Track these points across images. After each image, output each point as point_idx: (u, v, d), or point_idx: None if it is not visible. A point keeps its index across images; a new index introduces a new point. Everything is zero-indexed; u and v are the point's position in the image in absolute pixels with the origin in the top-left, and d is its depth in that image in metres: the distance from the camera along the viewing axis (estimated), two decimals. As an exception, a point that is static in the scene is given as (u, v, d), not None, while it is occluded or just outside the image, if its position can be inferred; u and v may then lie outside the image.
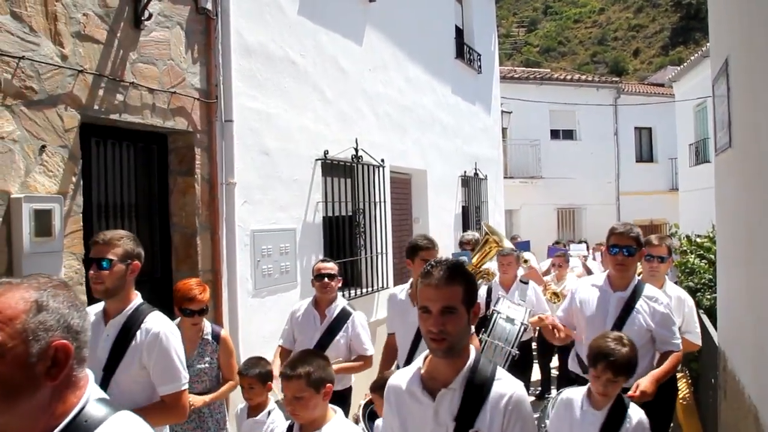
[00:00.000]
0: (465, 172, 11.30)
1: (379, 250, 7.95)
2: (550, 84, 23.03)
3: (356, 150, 7.34)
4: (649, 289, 4.01)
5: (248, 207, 5.58)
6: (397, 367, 4.45)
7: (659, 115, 23.49)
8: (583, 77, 25.78)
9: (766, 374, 2.86)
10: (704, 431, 6.31)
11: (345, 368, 4.71)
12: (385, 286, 8.05)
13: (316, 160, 6.64)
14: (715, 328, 5.36)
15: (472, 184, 11.68)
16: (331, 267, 4.94)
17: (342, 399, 4.67)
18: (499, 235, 7.67)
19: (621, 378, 3.17)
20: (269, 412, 4.12)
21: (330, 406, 2.93)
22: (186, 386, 3.13)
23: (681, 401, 7.70)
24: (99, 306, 3.15)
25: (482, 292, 6.74)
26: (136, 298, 3.12)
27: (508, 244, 7.54)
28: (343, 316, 4.89)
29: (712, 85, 4.23)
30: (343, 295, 7.10)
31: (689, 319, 4.68)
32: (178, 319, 4.06)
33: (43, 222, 3.67)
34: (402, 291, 4.79)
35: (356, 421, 4.26)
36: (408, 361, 4.33)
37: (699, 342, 4.89)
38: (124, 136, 4.73)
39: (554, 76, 24.58)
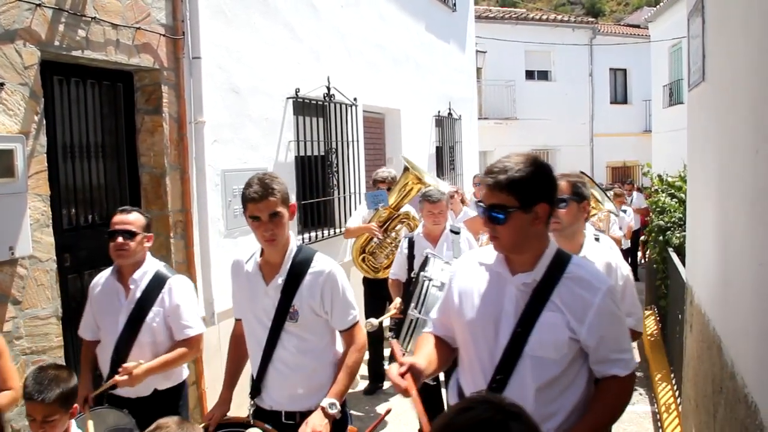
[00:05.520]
0: (439, 112, 11.20)
1: (352, 190, 7.92)
2: (525, 24, 22.84)
3: (328, 88, 7.21)
4: (575, 267, 2.25)
5: (218, 146, 5.48)
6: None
7: (634, 56, 23.54)
8: (559, 17, 25.57)
9: (731, 307, 2.92)
10: (670, 365, 6.51)
11: (156, 367, 3.31)
12: (358, 226, 8.00)
13: (288, 98, 6.52)
14: (684, 266, 5.45)
15: (446, 124, 11.60)
16: (132, 220, 3.43)
17: (173, 397, 3.56)
18: (420, 170, 6.40)
19: None
20: None
21: None
22: None
23: (649, 338, 7.92)
24: None
25: (403, 246, 5.42)
26: None
27: (431, 181, 6.13)
28: (157, 285, 3.47)
29: (687, 20, 4.19)
30: (317, 237, 7.12)
31: (627, 295, 3.20)
32: None
33: (4, 162, 3.56)
34: (251, 259, 3.13)
35: None
36: (261, 367, 3.04)
37: (641, 328, 3.39)
38: (88, 74, 4.58)
39: (530, 15, 24.35)
